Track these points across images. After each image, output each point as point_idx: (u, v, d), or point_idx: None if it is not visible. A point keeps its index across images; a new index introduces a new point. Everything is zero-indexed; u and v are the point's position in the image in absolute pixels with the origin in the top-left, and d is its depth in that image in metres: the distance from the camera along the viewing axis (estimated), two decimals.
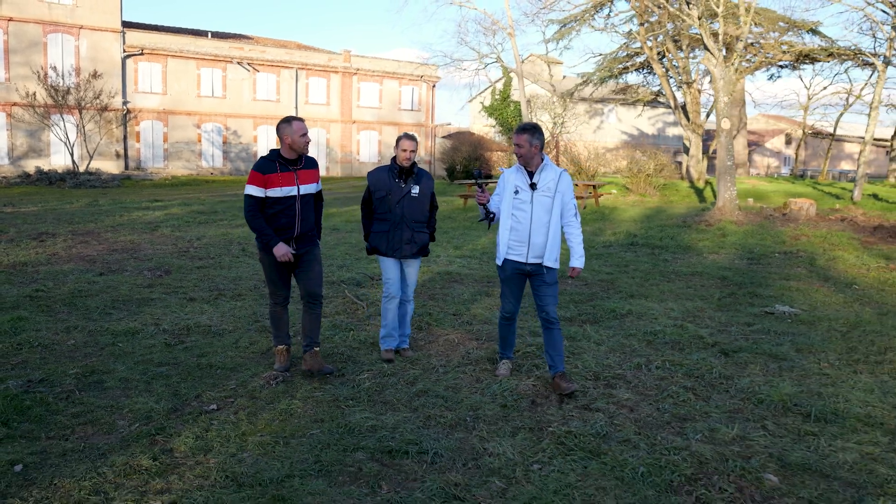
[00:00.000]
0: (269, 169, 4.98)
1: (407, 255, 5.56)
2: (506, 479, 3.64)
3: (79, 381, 4.93)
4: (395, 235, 5.50)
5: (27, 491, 3.37)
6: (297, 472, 3.65)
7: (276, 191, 4.98)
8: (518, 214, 4.95)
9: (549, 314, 4.99)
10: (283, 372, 5.16)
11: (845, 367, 5.62)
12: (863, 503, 3.43)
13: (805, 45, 33.68)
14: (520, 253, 4.97)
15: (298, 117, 5.13)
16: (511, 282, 5.09)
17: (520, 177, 4.99)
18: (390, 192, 5.49)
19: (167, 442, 3.98)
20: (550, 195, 4.93)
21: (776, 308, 7.65)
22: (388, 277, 5.61)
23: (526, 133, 4.86)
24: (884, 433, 4.30)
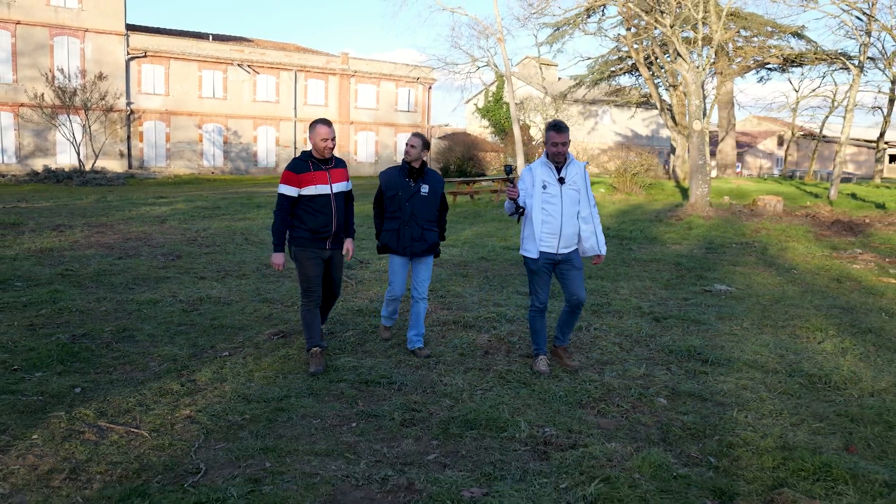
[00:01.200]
0: (302, 168, 5.18)
1: (417, 252, 5.67)
2: (454, 399, 4.71)
3: (114, 335, 6.00)
4: (405, 233, 5.61)
5: (87, 404, 4.43)
6: (292, 394, 4.72)
7: (311, 189, 5.15)
8: (548, 208, 5.17)
9: (581, 298, 5.33)
10: (320, 374, 5.11)
11: (753, 330, 6.71)
12: (724, 416, 4.51)
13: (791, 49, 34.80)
14: (551, 245, 5.20)
15: (326, 121, 5.33)
16: (543, 273, 5.29)
17: (547, 171, 5.22)
18: (400, 191, 5.63)
19: (190, 375, 5.06)
20: (577, 188, 5.22)
21: (714, 287, 8.74)
22: (393, 278, 5.78)
23: (567, 131, 5.14)
24: (761, 372, 5.38)
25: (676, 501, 3.34)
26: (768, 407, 4.66)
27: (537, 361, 5.37)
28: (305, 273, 5.26)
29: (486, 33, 27.51)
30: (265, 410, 4.42)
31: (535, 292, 5.38)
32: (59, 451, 3.75)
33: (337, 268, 5.48)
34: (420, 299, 5.80)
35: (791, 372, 5.38)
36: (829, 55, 29.28)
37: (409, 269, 5.85)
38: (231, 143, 39.89)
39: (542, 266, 5.27)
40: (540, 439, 4.06)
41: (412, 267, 5.82)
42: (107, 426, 4.10)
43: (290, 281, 8.57)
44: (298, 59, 41.80)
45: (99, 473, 3.53)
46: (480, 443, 4.03)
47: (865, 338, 6.46)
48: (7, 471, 3.51)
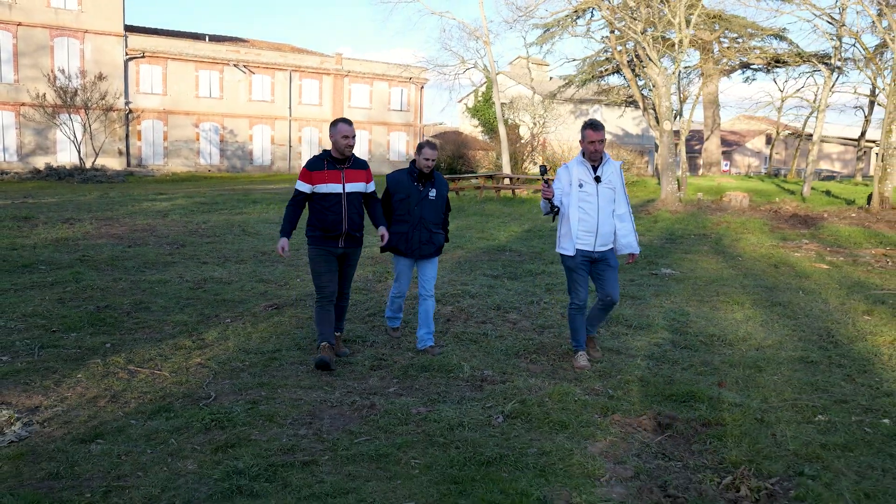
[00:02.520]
0: (317, 166, 5.32)
1: (425, 254, 5.81)
2: (415, 353, 5.79)
3: (132, 307, 7.06)
4: (414, 236, 5.72)
5: (117, 355, 5.49)
6: (283, 348, 5.80)
7: (322, 187, 5.27)
8: (585, 206, 5.26)
9: (614, 297, 5.50)
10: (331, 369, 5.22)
11: (680, 303, 7.81)
12: (630, 363, 5.59)
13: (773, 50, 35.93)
14: (588, 242, 5.30)
15: (347, 120, 5.43)
16: (581, 269, 5.39)
17: (583, 170, 5.31)
18: (409, 195, 5.74)
19: (200, 335, 6.12)
20: (613, 187, 5.31)
21: (660, 271, 9.85)
22: (399, 277, 5.95)
23: (602, 130, 5.23)
24: (672, 334, 6.48)
25: (570, 414, 4.42)
26: (669, 357, 5.76)
27: (577, 357, 5.48)
28: (317, 270, 5.37)
29: (474, 35, 28.54)
30: (261, 359, 5.50)
31: (574, 290, 5.45)
32: (100, 385, 4.82)
33: (350, 267, 5.54)
34: (428, 297, 5.89)
35: (697, 333, 6.49)
36: (803, 57, 30.39)
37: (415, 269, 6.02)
38: (227, 141, 40.89)
39: (580, 263, 5.36)
40: (478, 378, 5.15)
41: (418, 266, 5.93)
42: (135, 369, 5.17)
43: (284, 265, 9.64)
44: (293, 60, 42.81)
45: (133, 399, 4.59)
46: (431, 380, 5.12)
47: (773, 309, 7.57)
48: (62, 397, 4.58)
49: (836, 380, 5.29)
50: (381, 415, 4.39)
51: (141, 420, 4.23)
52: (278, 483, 3.45)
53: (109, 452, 3.76)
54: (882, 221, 16.52)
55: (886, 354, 5.97)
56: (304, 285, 8.29)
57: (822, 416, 4.53)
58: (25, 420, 4.17)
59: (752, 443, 4.07)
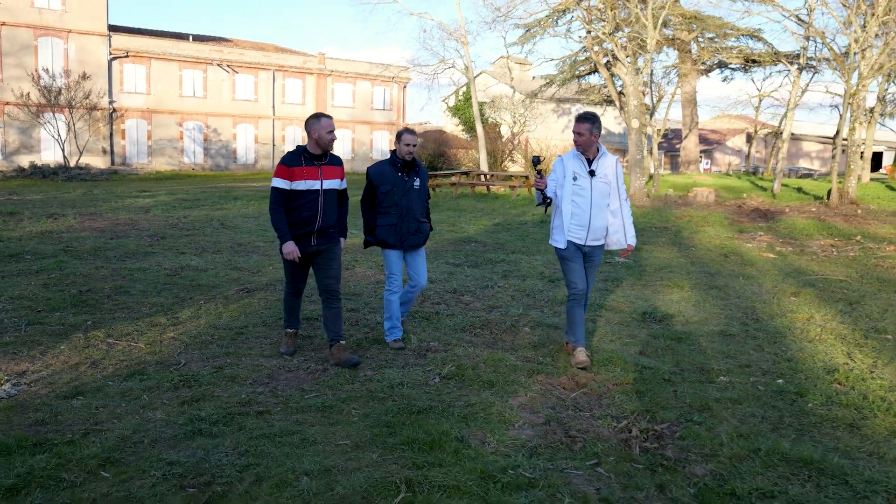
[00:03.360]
0: (294, 163, 5.20)
1: (414, 244, 5.84)
2: (370, 329, 6.35)
3: (112, 290, 7.58)
4: (403, 227, 5.72)
5: (97, 330, 6.01)
6: (250, 325, 6.34)
7: (301, 184, 5.17)
8: (578, 200, 5.24)
9: (588, 292, 5.58)
10: (289, 355, 5.44)
11: (625, 287, 8.42)
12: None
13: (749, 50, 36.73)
14: (579, 236, 5.29)
15: (327, 114, 5.34)
16: (575, 258, 5.35)
17: (578, 163, 5.28)
18: (395, 186, 5.70)
19: (174, 314, 6.66)
20: (608, 181, 5.29)
21: (615, 259, 10.45)
22: (393, 272, 5.84)
23: (587, 122, 5.16)
24: (611, 312, 7.09)
25: (500, 376, 5.00)
26: (602, 330, 6.36)
27: (576, 353, 5.35)
28: (288, 267, 5.40)
29: (453, 36, 29.13)
30: (229, 333, 6.04)
31: (571, 281, 5.40)
32: (81, 354, 5.35)
33: (328, 264, 5.40)
34: (421, 288, 6.00)
35: (633, 311, 7.10)
36: (774, 57, 31.19)
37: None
38: (211, 140, 41.26)
39: (573, 253, 5.34)
40: (424, 348, 5.72)
41: (408, 258, 5.93)
42: (113, 342, 5.70)
43: (258, 255, 10.17)
44: (276, 59, 43.24)
45: (111, 365, 5.13)
46: (381, 351, 5.68)
47: (709, 292, 8.20)
48: (46, 364, 5.10)
49: (747, 349, 5.91)
50: (331, 377, 4.96)
51: (117, 381, 4.76)
52: (234, 427, 4.01)
53: (88, 406, 4.30)
54: (838, 215, 17.24)
55: (799, 329, 6.60)
56: (276, 272, 8.83)
57: (724, 378, 5.14)
58: (14, 382, 4.70)
59: (654, 397, 4.67)
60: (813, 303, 7.69)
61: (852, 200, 19.33)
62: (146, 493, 3.23)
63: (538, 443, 3.96)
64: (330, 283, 5.40)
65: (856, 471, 3.66)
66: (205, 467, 3.49)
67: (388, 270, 5.87)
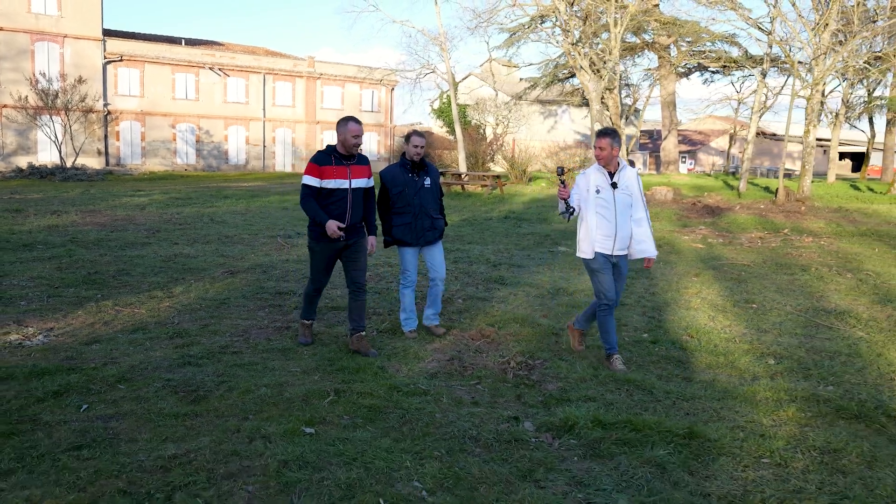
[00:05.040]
0: (325, 161, 5.43)
1: (430, 240, 6.12)
2: (331, 299, 7.75)
3: (116, 272, 8.95)
4: (418, 225, 6.00)
5: (105, 301, 7.38)
6: (232, 297, 7.73)
7: (330, 182, 5.40)
8: (603, 212, 5.42)
9: (617, 301, 5.69)
10: (308, 345, 5.75)
11: (554, 270, 9.84)
12: (490, 306, 7.59)
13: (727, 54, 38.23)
14: (607, 246, 5.47)
15: (356, 118, 5.51)
16: (605, 269, 5.52)
17: (600, 177, 5.46)
18: (407, 187, 5.97)
19: (169, 290, 8.04)
20: (630, 193, 5.47)
21: (556, 248, 11.88)
22: (408, 268, 6.17)
23: (608, 137, 5.35)
24: (532, 288, 8.50)
25: (425, 329, 6.40)
26: (520, 301, 7.78)
27: (613, 361, 5.52)
28: (316, 265, 5.64)
29: (435, 42, 30.52)
30: (214, 303, 7.44)
31: (601, 291, 5.55)
32: (95, 317, 6.73)
33: (356, 257, 5.68)
34: (440, 280, 6.29)
35: (550, 289, 8.52)
36: (736, 61, 32.72)
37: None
38: (203, 141, 42.57)
39: (603, 263, 5.52)
40: (370, 312, 7.12)
41: (425, 253, 6.24)
42: (120, 309, 7.08)
43: (243, 245, 11.56)
44: (267, 63, 44.58)
45: (119, 324, 6.51)
46: (338, 315, 7.08)
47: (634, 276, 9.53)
48: (68, 323, 6.48)
49: (632, 314, 7.33)
50: (292, 332, 6.36)
51: (125, 334, 6.16)
52: (214, 360, 5.41)
53: (105, 349, 5.69)
54: (782, 212, 18.73)
55: (684, 300, 8.03)
56: (258, 258, 10.22)
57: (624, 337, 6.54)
58: (45, 334, 6.08)
59: (538, 344, 6.09)
60: (707, 282, 9.14)
61: (799, 198, 20.82)
62: (150, 396, 4.62)
63: (438, 370, 5.38)
64: (357, 275, 5.70)
65: (662, 386, 5.09)
66: (192, 382, 4.89)
67: (402, 267, 6.20)
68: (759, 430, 4.36)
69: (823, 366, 5.72)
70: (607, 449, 4.00)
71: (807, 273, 9.98)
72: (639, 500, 3.45)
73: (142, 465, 3.63)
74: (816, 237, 14.11)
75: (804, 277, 9.64)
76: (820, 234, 14.76)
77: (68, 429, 4.05)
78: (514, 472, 3.71)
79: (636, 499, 3.46)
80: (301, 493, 3.39)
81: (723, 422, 4.47)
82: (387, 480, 3.55)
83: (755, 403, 4.82)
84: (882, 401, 4.90)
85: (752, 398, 4.92)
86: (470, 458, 3.85)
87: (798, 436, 4.29)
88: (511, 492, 3.49)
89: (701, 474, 3.75)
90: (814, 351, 6.16)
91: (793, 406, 4.77)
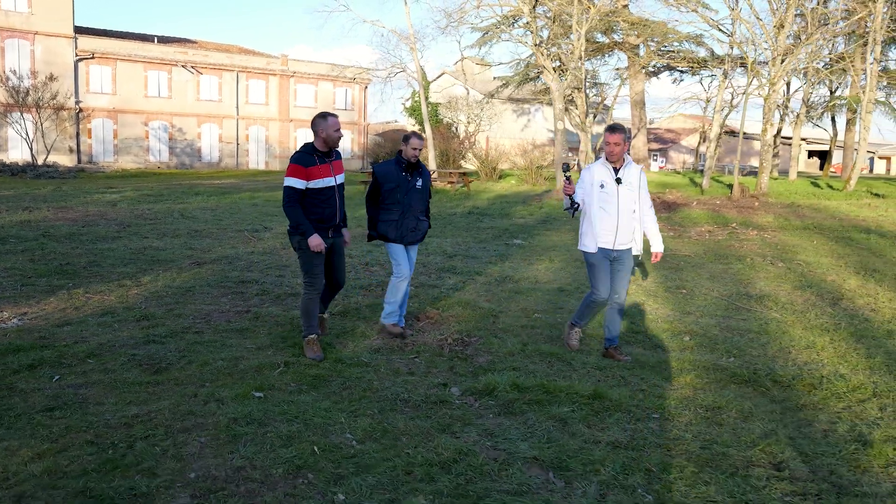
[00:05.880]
0: (309, 162, 5.30)
1: (412, 241, 6.22)
2: (290, 287, 8.26)
3: (88, 264, 9.39)
4: (403, 224, 6.09)
5: (77, 290, 7.82)
6: (198, 286, 8.21)
7: (318, 182, 5.33)
8: (606, 207, 5.46)
9: (622, 298, 5.73)
10: (321, 360, 5.38)
11: (507, 261, 10.43)
12: (442, 293, 8.14)
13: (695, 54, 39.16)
14: (608, 241, 5.54)
15: (333, 113, 5.44)
16: (602, 266, 5.60)
17: (605, 172, 5.50)
18: (399, 185, 6.05)
19: (137, 279, 8.50)
20: (634, 189, 5.51)
21: (513, 241, 12.49)
22: (399, 261, 6.22)
23: (620, 133, 5.39)
24: (482, 277, 9.08)
25: (374, 313, 6.95)
26: (468, 288, 8.35)
27: (571, 335, 5.96)
28: (311, 260, 5.43)
29: (405, 42, 31.02)
30: (180, 291, 7.92)
31: (596, 286, 5.68)
32: (67, 303, 7.19)
33: (340, 256, 5.74)
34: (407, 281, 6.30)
35: (498, 276, 9.12)
36: (699, 62, 33.62)
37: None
38: (176, 139, 42.69)
39: (601, 259, 5.61)
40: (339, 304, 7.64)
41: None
42: (90, 296, 7.54)
43: (211, 239, 12.01)
44: (240, 61, 44.76)
45: (90, 309, 6.98)
46: (295, 301, 7.60)
47: (572, 264, 10.25)
48: (41, 308, 6.93)
49: (568, 299, 7.95)
50: (251, 315, 6.88)
51: (95, 317, 6.63)
52: (177, 339, 5.92)
53: (76, 330, 6.17)
54: (735, 207, 19.51)
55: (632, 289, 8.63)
56: (224, 250, 10.69)
57: (538, 315, 7.15)
58: (19, 318, 6.54)
59: (477, 324, 6.67)
60: (646, 270, 9.78)
61: (753, 194, 21.64)
62: (117, 368, 5.13)
63: (381, 347, 5.93)
64: (340, 276, 5.83)
65: (581, 359, 5.69)
66: (155, 357, 5.40)
67: (394, 260, 6.26)
68: (657, 392, 4.98)
69: (731, 342, 6.36)
70: (519, 408, 4.59)
71: (741, 263, 10.68)
72: (538, 446, 4.03)
73: (108, 422, 4.14)
74: (762, 231, 14.86)
75: (737, 266, 10.33)
76: (766, 227, 15.52)
77: (42, 395, 4.55)
78: (435, 426, 4.27)
79: (536, 445, 4.04)
80: (246, 443, 3.93)
81: (627, 386, 5.09)
82: (322, 433, 4.10)
83: (660, 372, 5.45)
84: (773, 369, 5.55)
85: (659, 367, 5.54)
86: (398, 416, 4.42)
87: (690, 397, 4.91)
88: (429, 441, 4.05)
89: (597, 427, 4.35)
90: (727, 329, 6.81)
91: (692, 373, 5.40)
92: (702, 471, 3.78)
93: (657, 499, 3.49)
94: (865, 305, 7.99)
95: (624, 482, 3.64)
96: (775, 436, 4.26)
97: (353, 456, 3.83)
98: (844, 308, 7.85)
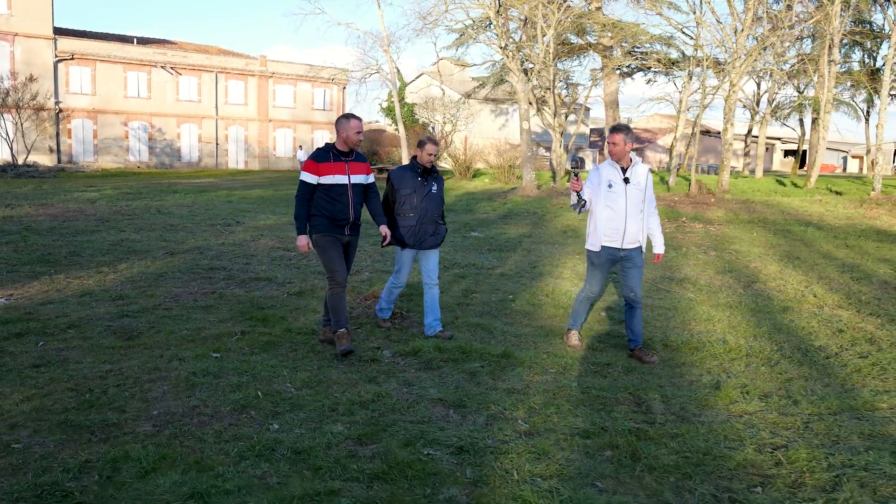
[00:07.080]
0: (322, 158, 5.50)
1: (432, 245, 6.22)
2: (256, 273, 9.05)
3: (68, 254, 10.11)
4: (421, 229, 6.10)
5: (59, 275, 8.55)
6: (170, 272, 8.97)
7: (329, 178, 5.46)
8: (613, 206, 5.49)
9: (637, 295, 5.69)
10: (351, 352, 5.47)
11: (464, 252, 11.26)
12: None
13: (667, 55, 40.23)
14: (615, 240, 5.55)
15: (356, 115, 5.57)
16: (603, 267, 5.67)
17: (613, 171, 5.53)
18: (415, 190, 6.05)
19: (114, 267, 9.23)
20: (641, 189, 5.54)
21: (471, 234, 13.32)
22: (402, 268, 6.33)
23: (621, 132, 5.41)
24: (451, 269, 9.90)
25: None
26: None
27: (570, 336, 6.05)
28: (329, 255, 5.56)
29: (379, 44, 31.80)
30: (153, 276, 8.68)
31: (591, 284, 5.81)
32: (48, 286, 7.93)
33: (351, 256, 5.89)
34: (433, 286, 6.28)
35: (447, 264, 9.94)
36: (664, 62, 34.68)
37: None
38: (156, 139, 43.18)
39: (604, 261, 5.66)
40: (287, 281, 8.43)
41: (421, 257, 6.29)
42: (70, 280, 8.28)
43: (185, 232, 12.75)
44: (219, 62, 45.32)
45: (70, 291, 7.72)
46: (267, 287, 8.38)
47: (530, 254, 11.10)
48: (25, 290, 7.67)
49: (510, 282, 8.79)
50: (216, 295, 7.66)
51: (75, 297, 7.39)
52: (148, 314, 6.70)
53: (58, 308, 6.92)
54: (691, 203, 20.49)
55: (558, 272, 9.52)
56: (197, 243, 11.44)
57: (476, 295, 7.99)
58: (6, 298, 7.29)
59: (417, 301, 7.49)
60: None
61: (710, 191, 22.64)
62: (94, 336, 5.90)
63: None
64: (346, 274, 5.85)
65: (504, 329, 6.54)
66: (128, 328, 6.18)
67: (397, 265, 6.35)
68: (560, 353, 5.83)
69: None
70: (437, 364, 5.42)
71: (677, 252, 11.59)
72: (445, 392, 4.86)
73: (85, 375, 4.92)
74: (708, 224, 15.82)
75: (671, 255, 11.24)
76: (714, 221, 16.48)
77: (29, 356, 5.32)
78: (363, 378, 5.10)
79: (443, 391, 4.87)
80: (202, 390, 4.73)
81: (536, 350, 5.93)
82: (267, 383, 4.91)
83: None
84: (667, 335, 6.43)
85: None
86: (333, 371, 5.23)
87: (586, 357, 5.77)
88: (355, 388, 4.87)
89: (500, 378, 5.19)
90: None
91: (596, 339, 6.26)
92: (576, 408, 4.63)
93: (532, 427, 4.33)
94: (774, 287, 8.91)
95: (509, 416, 4.48)
96: (647, 384, 5.13)
97: (290, 399, 4.64)
98: (756, 290, 8.76)
